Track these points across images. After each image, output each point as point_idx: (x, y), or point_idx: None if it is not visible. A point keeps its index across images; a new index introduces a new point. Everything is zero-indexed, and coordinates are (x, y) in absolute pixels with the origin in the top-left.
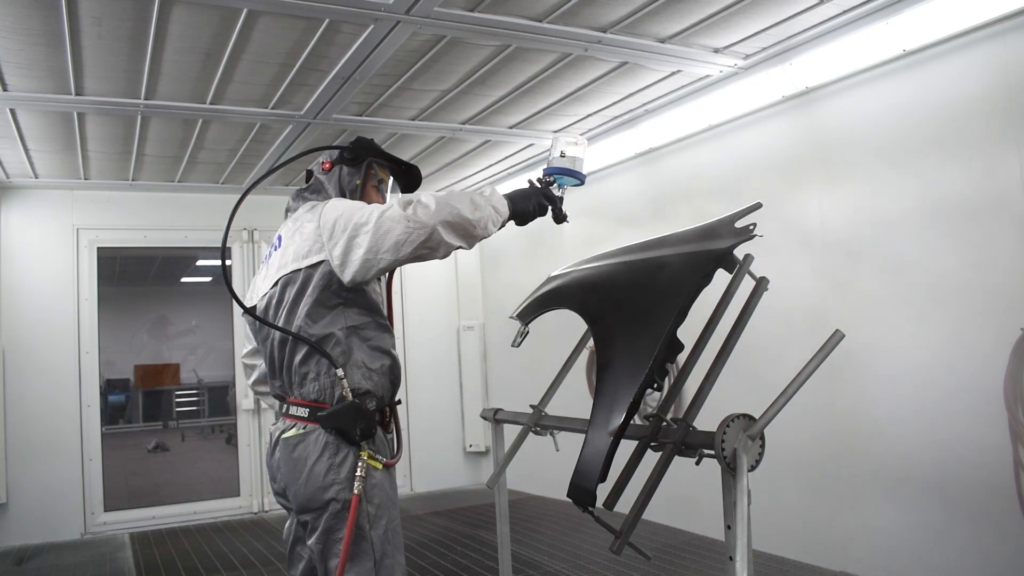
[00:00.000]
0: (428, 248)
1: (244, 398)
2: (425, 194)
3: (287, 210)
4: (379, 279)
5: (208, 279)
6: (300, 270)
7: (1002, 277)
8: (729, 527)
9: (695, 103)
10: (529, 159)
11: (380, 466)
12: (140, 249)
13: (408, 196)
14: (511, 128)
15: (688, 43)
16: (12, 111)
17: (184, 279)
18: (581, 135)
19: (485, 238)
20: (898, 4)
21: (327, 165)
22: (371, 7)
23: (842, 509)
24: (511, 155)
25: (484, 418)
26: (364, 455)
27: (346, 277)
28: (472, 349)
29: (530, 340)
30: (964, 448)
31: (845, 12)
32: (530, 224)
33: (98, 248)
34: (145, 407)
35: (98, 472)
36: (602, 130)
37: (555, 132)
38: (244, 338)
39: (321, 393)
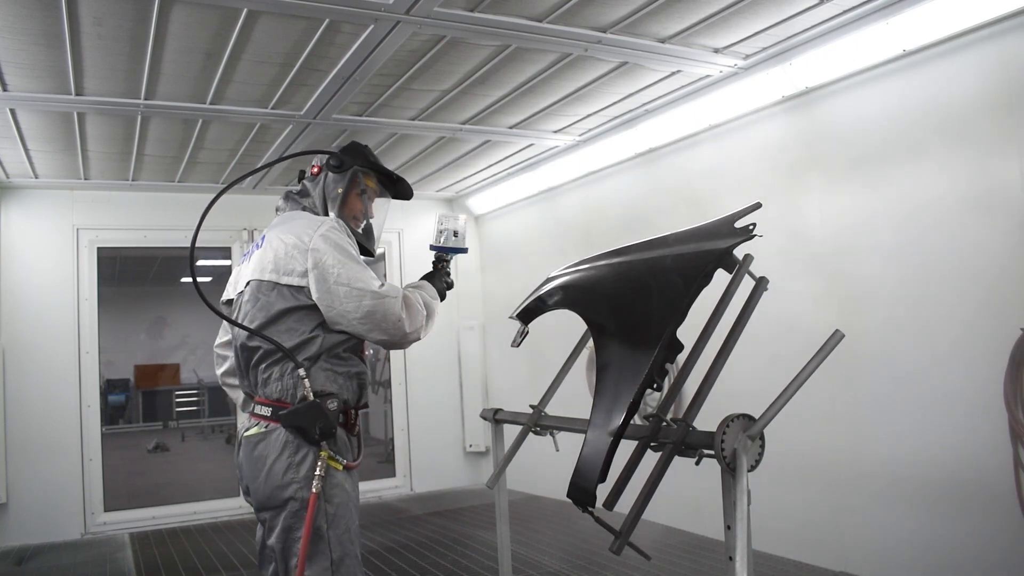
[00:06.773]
0: (394, 341)
1: None
2: (415, 300)
3: (277, 209)
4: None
5: (208, 279)
6: (278, 285)
7: (1001, 277)
8: (729, 527)
9: (695, 103)
10: (529, 159)
11: (340, 467)
12: (140, 249)
13: (407, 294)
14: (511, 128)
15: (688, 43)
16: (12, 111)
17: (184, 279)
18: (460, 214)
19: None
20: (898, 4)
21: (315, 169)
22: (371, 7)
23: (842, 509)
24: (511, 155)
25: (484, 418)
26: (324, 455)
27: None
28: (472, 349)
29: (530, 340)
30: (964, 448)
31: (845, 12)
32: (530, 223)
33: (98, 248)
34: (145, 407)
35: (98, 472)
36: (602, 130)
37: (439, 213)
38: (220, 328)
39: (283, 393)
